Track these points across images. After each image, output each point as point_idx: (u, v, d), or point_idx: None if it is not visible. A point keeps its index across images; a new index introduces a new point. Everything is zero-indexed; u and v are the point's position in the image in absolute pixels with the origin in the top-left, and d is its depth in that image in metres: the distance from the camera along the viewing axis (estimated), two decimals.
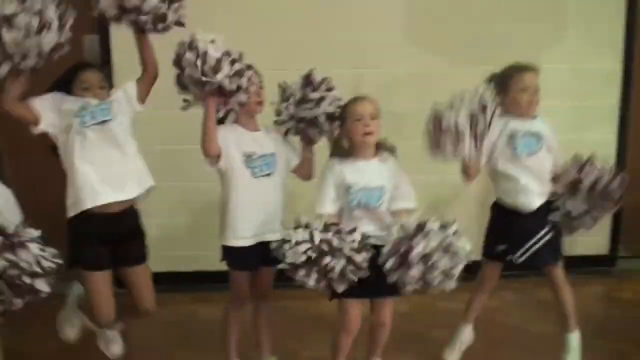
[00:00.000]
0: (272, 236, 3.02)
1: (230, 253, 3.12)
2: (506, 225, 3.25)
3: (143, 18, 2.88)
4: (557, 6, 4.43)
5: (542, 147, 3.22)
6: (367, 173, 3.01)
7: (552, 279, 3.28)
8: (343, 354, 3.12)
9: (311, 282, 2.80)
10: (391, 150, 3.10)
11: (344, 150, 3.04)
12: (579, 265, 4.67)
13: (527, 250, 3.20)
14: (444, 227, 2.78)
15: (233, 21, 4.17)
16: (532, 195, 3.19)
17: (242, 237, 3.07)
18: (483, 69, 4.27)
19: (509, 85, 3.22)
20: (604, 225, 4.72)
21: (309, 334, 3.76)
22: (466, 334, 3.45)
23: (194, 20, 2.96)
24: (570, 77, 4.47)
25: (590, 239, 4.70)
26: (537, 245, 3.20)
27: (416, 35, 4.35)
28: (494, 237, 3.32)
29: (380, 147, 3.06)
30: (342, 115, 3.05)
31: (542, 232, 3.19)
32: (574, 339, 3.31)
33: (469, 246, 2.78)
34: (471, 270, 3.19)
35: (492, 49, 4.36)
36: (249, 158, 3.05)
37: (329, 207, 2.98)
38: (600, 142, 4.59)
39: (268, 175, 3.08)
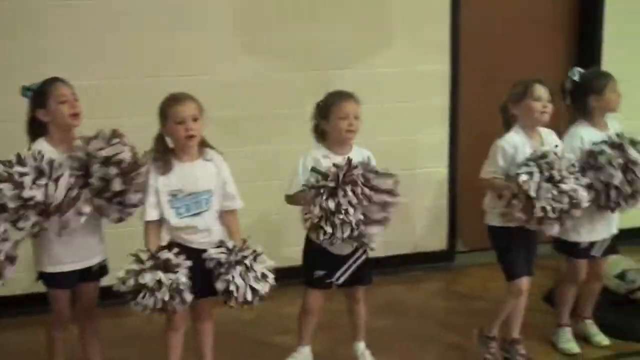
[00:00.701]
0: (94, 260, 3.00)
1: (47, 274, 2.98)
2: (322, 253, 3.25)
3: None
4: (385, 11, 4.53)
5: None
6: (192, 177, 2.97)
7: (359, 297, 3.41)
8: (173, 352, 3.10)
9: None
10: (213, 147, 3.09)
11: (167, 149, 2.97)
12: (420, 262, 4.84)
13: (345, 272, 3.28)
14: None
15: (51, 29, 3.97)
16: None
17: (61, 262, 2.95)
18: (317, 74, 4.35)
19: (330, 113, 3.21)
20: (442, 221, 4.89)
21: (143, 349, 3.61)
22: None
23: None
24: (401, 80, 4.58)
25: (429, 236, 4.87)
26: (353, 268, 3.28)
27: (249, 42, 4.30)
28: (312, 264, 3.31)
29: (203, 145, 3.03)
30: (164, 114, 2.96)
31: (356, 256, 3.28)
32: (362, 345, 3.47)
33: (270, 262, 2.98)
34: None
35: (325, 54, 4.42)
36: None
37: (151, 214, 2.95)
38: (434, 142, 4.76)
39: None
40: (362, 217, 3.03)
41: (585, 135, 3.44)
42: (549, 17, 5.05)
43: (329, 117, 3.20)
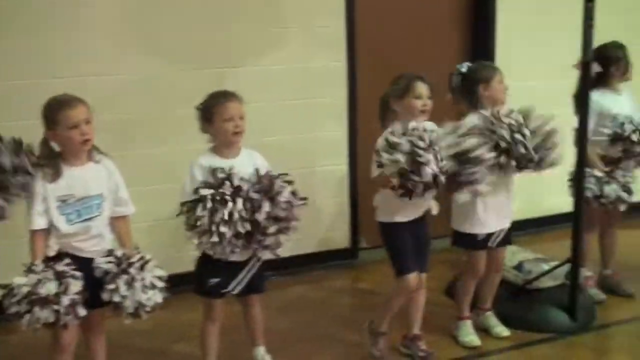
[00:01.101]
0: None
1: None
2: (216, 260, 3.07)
3: None
4: (279, 8, 4.44)
5: None
6: (83, 181, 2.85)
7: (254, 302, 3.28)
8: None
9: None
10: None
11: (54, 154, 2.82)
12: (323, 260, 4.81)
13: (241, 281, 3.14)
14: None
15: None
16: None
17: None
18: (211, 73, 4.24)
19: (213, 116, 3.06)
20: (344, 219, 4.88)
21: None
22: None
23: None
24: (298, 77, 4.53)
25: (332, 234, 4.84)
26: (248, 277, 3.14)
27: (139, 41, 4.14)
28: (206, 271, 3.14)
29: (92, 148, 2.90)
30: (53, 119, 2.79)
31: (251, 263, 3.13)
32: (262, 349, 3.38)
33: (161, 271, 2.90)
34: None
35: (219, 52, 4.31)
36: None
37: (38, 222, 2.80)
38: (333, 139, 4.73)
39: None
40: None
41: (478, 122, 3.44)
42: (444, 13, 5.12)
43: (213, 120, 3.04)
